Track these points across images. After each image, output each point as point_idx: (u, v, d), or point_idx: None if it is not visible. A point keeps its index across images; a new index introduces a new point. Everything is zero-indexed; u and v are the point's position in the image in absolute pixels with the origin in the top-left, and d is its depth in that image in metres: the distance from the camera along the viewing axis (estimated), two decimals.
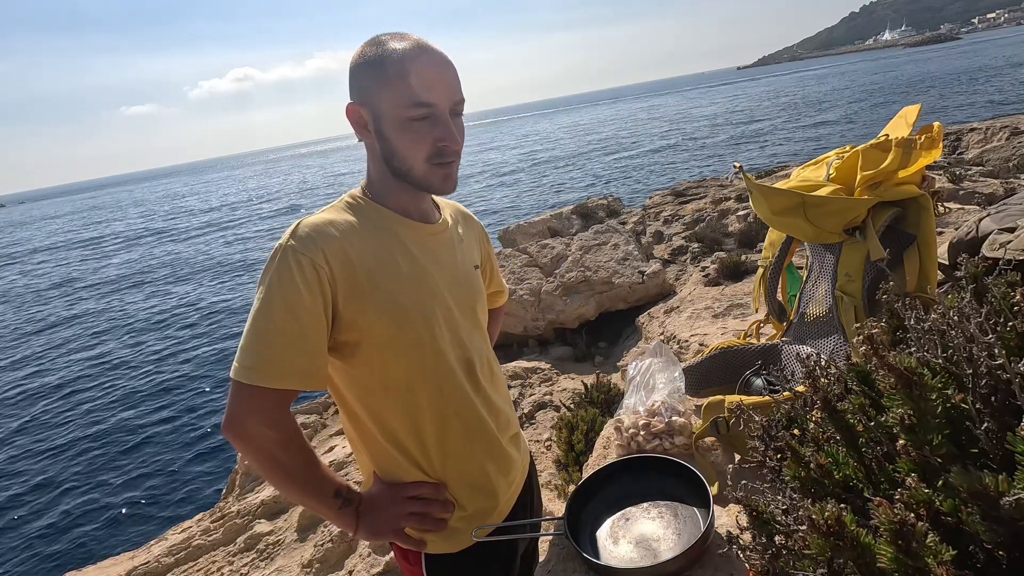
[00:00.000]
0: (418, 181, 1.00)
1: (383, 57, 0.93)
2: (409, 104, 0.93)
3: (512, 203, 21.54)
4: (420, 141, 0.96)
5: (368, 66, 0.95)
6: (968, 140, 7.66)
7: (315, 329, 0.93)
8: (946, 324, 0.62)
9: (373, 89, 0.95)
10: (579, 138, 46.78)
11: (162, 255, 23.39)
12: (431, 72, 0.94)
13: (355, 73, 0.97)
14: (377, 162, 1.02)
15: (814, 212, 1.27)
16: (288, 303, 0.91)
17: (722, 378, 1.43)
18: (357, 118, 0.99)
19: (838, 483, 0.61)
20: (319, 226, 0.96)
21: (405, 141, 0.96)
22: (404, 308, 0.99)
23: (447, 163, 0.99)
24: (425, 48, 0.95)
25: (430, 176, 0.99)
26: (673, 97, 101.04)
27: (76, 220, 53.61)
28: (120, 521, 6.14)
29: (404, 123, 0.94)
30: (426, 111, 0.94)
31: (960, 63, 50.66)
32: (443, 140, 0.96)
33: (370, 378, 1.03)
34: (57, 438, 8.31)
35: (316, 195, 39.19)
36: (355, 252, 0.97)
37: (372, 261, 0.98)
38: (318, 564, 2.91)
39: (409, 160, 0.97)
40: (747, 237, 5.43)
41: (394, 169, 1.00)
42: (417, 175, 0.99)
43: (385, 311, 0.98)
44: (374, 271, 0.98)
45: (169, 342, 11.80)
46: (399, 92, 0.93)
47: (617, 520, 1.07)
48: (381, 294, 0.97)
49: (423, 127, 0.95)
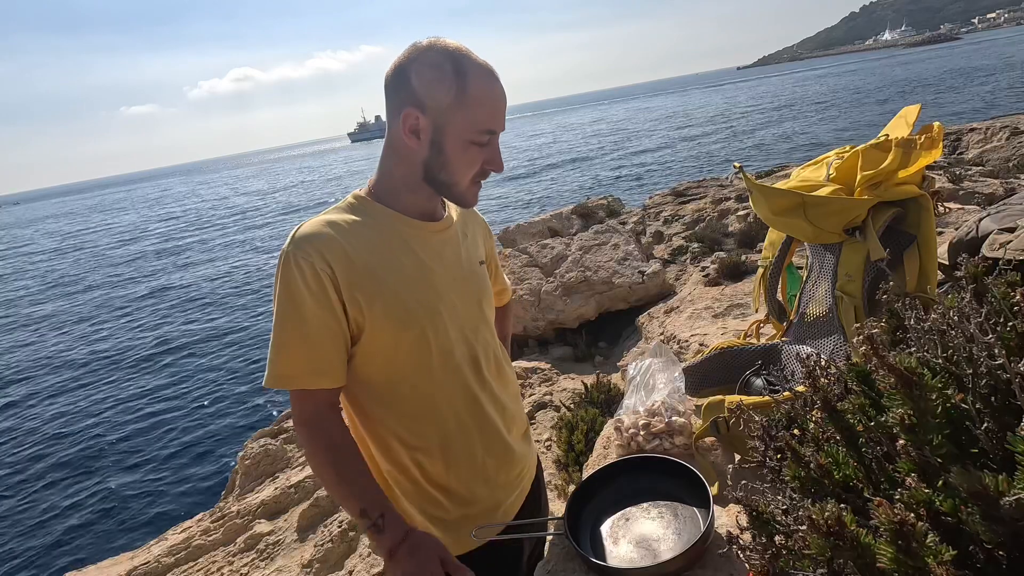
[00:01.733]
0: (456, 195, 1.04)
1: (464, 75, 0.93)
2: (480, 129, 0.96)
3: (512, 203, 21.55)
4: (473, 163, 0.99)
5: (444, 79, 0.93)
6: (968, 140, 7.66)
7: (326, 328, 0.96)
8: (946, 324, 0.62)
9: (446, 104, 0.94)
10: (579, 138, 46.78)
11: (160, 255, 23.39)
12: (502, 101, 0.98)
13: (426, 80, 0.94)
14: (408, 166, 1.02)
15: (814, 212, 1.27)
16: (295, 305, 0.95)
17: (722, 378, 1.42)
18: (412, 124, 0.96)
19: (838, 483, 0.61)
20: (318, 228, 0.98)
21: (462, 160, 0.99)
22: (407, 305, 1.00)
23: (481, 181, 1.04)
24: (492, 73, 0.97)
25: (468, 192, 1.03)
26: (673, 97, 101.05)
27: (76, 221, 53.62)
28: (120, 521, 6.14)
29: (467, 144, 0.97)
30: (489, 137, 0.98)
31: (960, 63, 50.66)
32: (491, 164, 1.01)
33: (374, 374, 1.03)
34: (57, 438, 8.31)
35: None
36: (355, 251, 0.97)
37: (373, 259, 0.99)
38: (318, 564, 2.91)
39: (457, 176, 1.00)
40: (747, 237, 5.42)
41: (435, 179, 1.01)
42: (459, 190, 1.02)
43: (389, 308, 0.99)
44: (376, 269, 0.99)
45: (169, 342, 11.80)
46: (474, 115, 0.95)
47: (617, 520, 1.07)
48: (384, 292, 0.98)
49: (480, 151, 0.98)
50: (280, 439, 4.54)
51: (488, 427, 1.13)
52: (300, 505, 3.45)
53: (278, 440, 4.52)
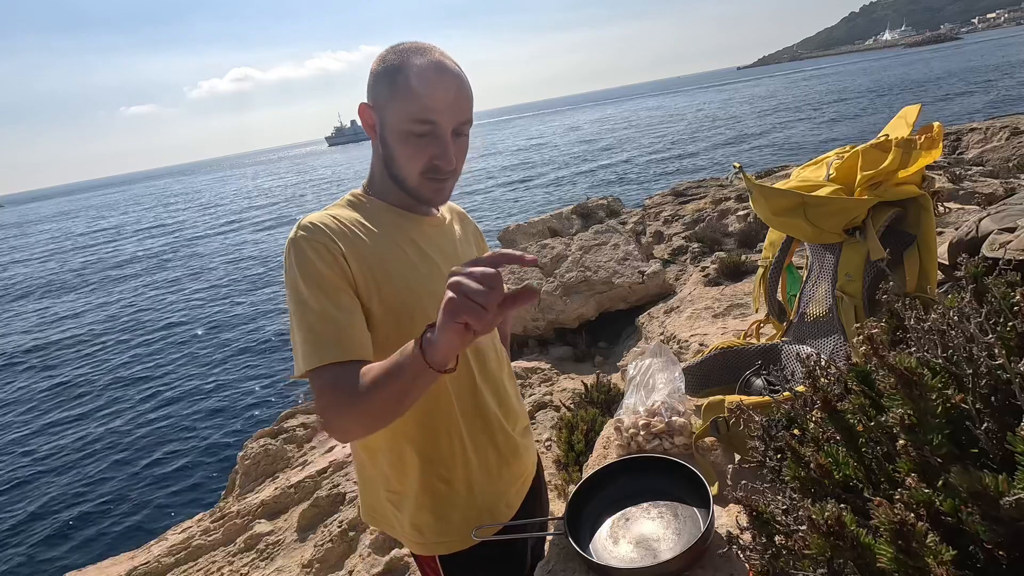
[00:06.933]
0: (410, 190, 1.04)
1: (399, 68, 0.96)
2: (412, 119, 0.96)
3: (512, 203, 21.55)
4: (417, 156, 0.98)
5: (385, 74, 0.97)
6: (968, 140, 7.66)
7: (351, 303, 0.94)
8: (946, 324, 0.62)
9: (384, 96, 0.98)
10: (579, 138, 46.78)
11: (155, 254, 23.39)
12: (440, 91, 0.96)
13: (374, 77, 1.00)
14: (380, 162, 1.06)
15: (814, 212, 1.27)
16: (317, 283, 0.92)
17: (722, 378, 1.42)
18: (367, 119, 1.02)
19: (838, 483, 0.61)
20: (324, 218, 0.99)
21: (403, 152, 0.99)
22: (416, 294, 1.01)
23: (440, 179, 1.02)
24: (440, 67, 0.96)
25: (421, 188, 1.02)
26: (672, 97, 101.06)
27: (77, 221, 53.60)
28: (120, 521, 6.13)
29: (405, 135, 0.97)
30: (427, 128, 0.96)
31: (960, 63, 50.66)
32: (438, 158, 0.99)
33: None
34: (56, 438, 8.30)
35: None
36: (363, 243, 0.99)
37: (381, 251, 1.00)
38: (318, 564, 2.91)
39: (404, 170, 1.01)
40: (747, 237, 5.43)
41: (391, 174, 1.04)
42: (410, 185, 1.02)
43: (397, 297, 0.99)
44: (385, 259, 1.00)
45: (169, 342, 11.80)
46: (406, 105, 0.95)
47: (617, 520, 1.07)
48: (392, 281, 0.99)
49: (422, 142, 0.97)
50: (280, 439, 4.54)
51: (491, 420, 1.14)
52: (300, 505, 3.45)
53: (278, 440, 4.52)
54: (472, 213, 1.33)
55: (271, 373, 9.46)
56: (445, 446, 1.08)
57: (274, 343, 10.71)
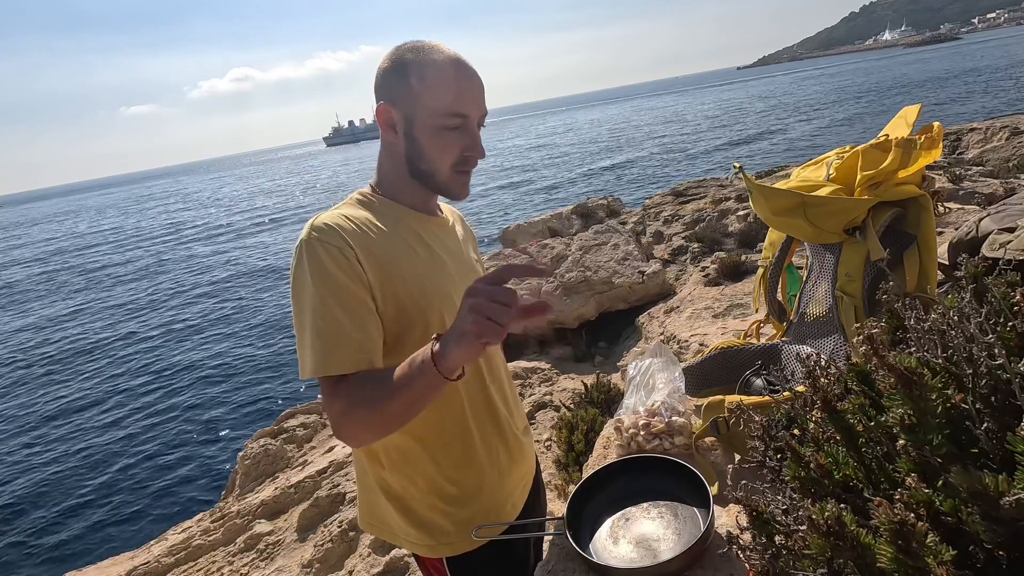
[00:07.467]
0: (439, 185, 1.04)
1: (424, 64, 0.96)
2: (447, 113, 0.97)
3: (512, 203, 21.54)
4: (449, 148, 1.00)
5: (407, 71, 0.97)
6: (968, 140, 7.66)
7: (365, 307, 0.93)
8: (946, 324, 0.62)
9: (410, 93, 0.97)
10: (579, 138, 46.77)
11: (155, 254, 23.39)
12: (467, 85, 0.98)
13: (390, 75, 0.99)
14: (396, 161, 1.05)
15: (814, 212, 1.27)
16: (330, 287, 0.91)
17: (722, 378, 1.42)
18: (387, 118, 1.01)
19: (838, 483, 0.61)
20: (336, 219, 0.98)
21: (435, 147, 1.00)
22: (426, 292, 1.01)
23: (467, 171, 1.04)
24: (462, 61, 0.99)
25: (451, 182, 1.03)
26: (673, 97, 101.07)
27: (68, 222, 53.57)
28: (120, 521, 6.14)
29: (437, 130, 0.98)
30: (459, 121, 0.98)
31: (960, 63, 50.67)
32: (470, 150, 1.01)
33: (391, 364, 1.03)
34: (56, 439, 8.30)
35: None
36: (375, 243, 0.98)
37: (392, 249, 1.00)
38: (318, 564, 2.91)
39: (435, 164, 1.01)
40: (747, 237, 5.43)
41: (417, 170, 1.03)
42: (440, 180, 1.03)
43: (409, 295, 0.99)
44: (396, 258, 1.00)
45: (169, 342, 11.80)
46: (437, 100, 0.96)
47: (617, 520, 1.07)
48: (405, 279, 0.99)
49: (453, 136, 0.99)
50: (280, 439, 4.54)
51: (501, 419, 1.15)
52: (300, 505, 3.45)
53: (278, 440, 4.52)
54: (472, 214, 1.34)
55: (271, 373, 9.47)
56: (457, 447, 1.08)
57: (275, 343, 10.72)
